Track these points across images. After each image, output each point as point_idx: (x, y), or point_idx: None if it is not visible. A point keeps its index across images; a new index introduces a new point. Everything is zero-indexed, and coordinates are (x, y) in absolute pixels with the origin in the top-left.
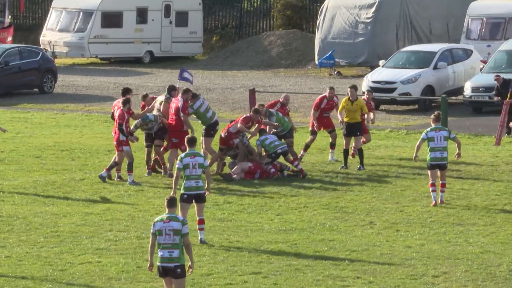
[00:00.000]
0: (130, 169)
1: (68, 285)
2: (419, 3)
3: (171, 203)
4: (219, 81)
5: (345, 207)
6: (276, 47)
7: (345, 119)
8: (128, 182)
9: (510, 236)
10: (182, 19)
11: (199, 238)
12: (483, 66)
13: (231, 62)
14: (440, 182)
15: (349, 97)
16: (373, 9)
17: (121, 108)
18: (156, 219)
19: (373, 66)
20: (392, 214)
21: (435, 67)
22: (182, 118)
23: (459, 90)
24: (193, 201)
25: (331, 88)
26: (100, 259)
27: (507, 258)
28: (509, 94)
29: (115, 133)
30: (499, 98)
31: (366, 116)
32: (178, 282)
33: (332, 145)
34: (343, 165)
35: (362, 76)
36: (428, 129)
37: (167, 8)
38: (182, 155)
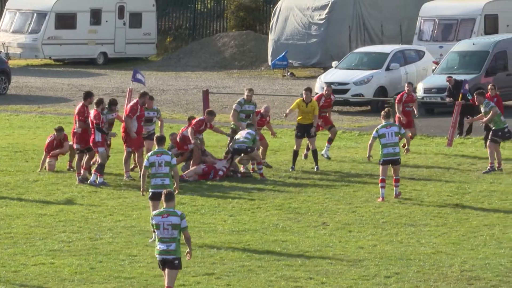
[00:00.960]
0: (100, 170)
1: (21, 286)
2: (372, 4)
3: (168, 197)
4: (172, 82)
5: (298, 208)
6: (229, 48)
7: (298, 120)
8: (92, 181)
9: (461, 237)
10: (136, 20)
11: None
12: (435, 67)
13: (185, 63)
14: (394, 177)
15: (303, 99)
16: (326, 10)
17: (95, 108)
18: (154, 212)
19: (326, 67)
20: (345, 215)
21: (387, 68)
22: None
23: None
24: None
25: (329, 86)
26: (53, 260)
27: (458, 258)
28: (460, 95)
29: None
30: (451, 99)
31: (414, 110)
32: (172, 273)
33: (330, 140)
34: (292, 166)
35: (315, 77)
36: (379, 126)
37: (121, 10)
38: (150, 153)
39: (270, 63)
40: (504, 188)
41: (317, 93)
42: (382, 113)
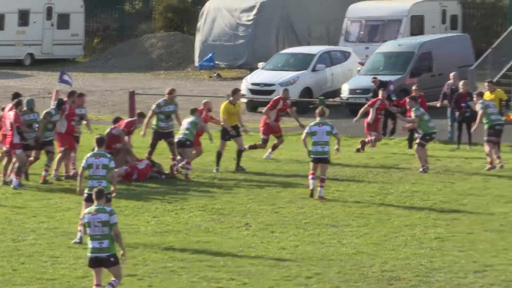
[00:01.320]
0: (18, 172)
1: None
2: (299, 6)
3: (98, 195)
4: (99, 84)
5: (221, 209)
6: (157, 50)
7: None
8: (12, 186)
9: (383, 237)
10: (64, 21)
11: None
12: (361, 68)
13: (112, 65)
14: (320, 177)
15: (230, 101)
16: (254, 11)
17: (15, 110)
18: (85, 211)
19: (252, 68)
20: (268, 215)
21: (313, 69)
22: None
23: (337, 92)
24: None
25: (286, 89)
26: None
27: (379, 259)
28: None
29: (9, 136)
30: None
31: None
32: (114, 269)
33: (274, 147)
34: (216, 167)
35: (241, 78)
36: (312, 123)
37: (49, 11)
38: (89, 154)
39: (197, 64)
40: (426, 189)
41: (243, 95)
42: (317, 110)
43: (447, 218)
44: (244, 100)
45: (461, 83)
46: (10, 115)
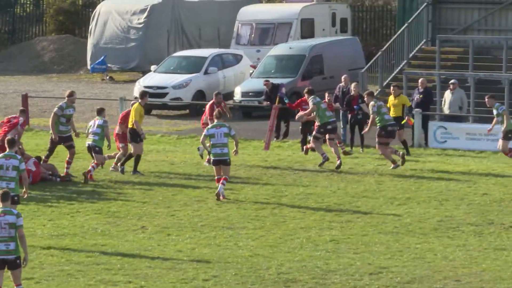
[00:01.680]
0: None
1: None
2: (190, 8)
3: (4, 197)
4: None
5: (117, 212)
6: (48, 52)
7: (130, 125)
8: None
9: (278, 239)
10: None
11: None
12: (253, 71)
13: (4, 68)
14: (223, 176)
15: (140, 103)
16: (145, 14)
17: None
18: None
19: (145, 71)
20: (164, 218)
21: (205, 72)
22: None
23: (230, 95)
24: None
25: (218, 93)
26: None
27: (275, 261)
28: (277, 99)
29: None
30: (268, 103)
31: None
32: (16, 272)
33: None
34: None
35: (134, 81)
36: (210, 125)
37: None
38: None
39: (89, 67)
40: (320, 191)
41: (135, 97)
42: (215, 113)
43: (341, 220)
44: None
45: (352, 85)
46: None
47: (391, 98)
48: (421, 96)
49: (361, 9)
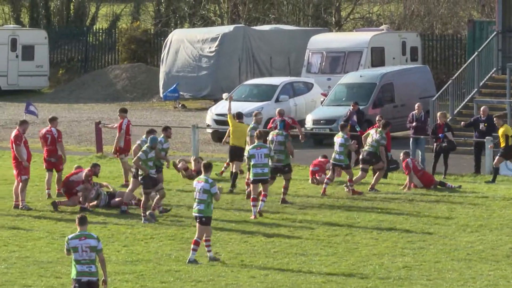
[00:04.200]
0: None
1: None
2: (261, 37)
3: (82, 221)
4: (65, 114)
5: (190, 238)
6: (121, 81)
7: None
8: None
9: (351, 266)
10: (28, 53)
11: None
12: (324, 99)
13: (77, 95)
14: (262, 192)
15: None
16: (216, 43)
17: None
18: (70, 236)
19: (216, 99)
20: (237, 244)
21: (277, 100)
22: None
23: (301, 123)
24: None
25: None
26: None
27: (349, 287)
28: (348, 126)
29: None
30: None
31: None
32: None
33: None
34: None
35: (206, 109)
36: (250, 146)
37: (14, 42)
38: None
39: (161, 95)
40: (392, 218)
41: (208, 125)
42: (256, 133)
43: (414, 247)
44: (209, 130)
45: (438, 114)
46: None
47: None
48: (485, 124)
49: (431, 38)
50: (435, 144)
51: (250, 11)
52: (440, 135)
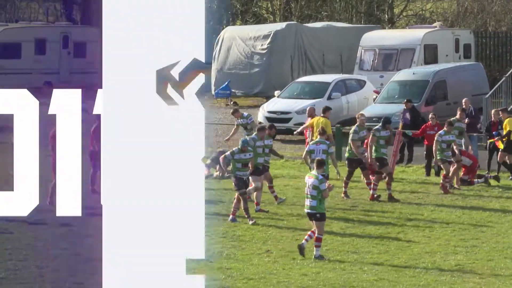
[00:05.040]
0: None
1: None
2: (313, 34)
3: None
4: None
5: (242, 236)
6: None
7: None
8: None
9: (403, 264)
10: (80, 50)
11: None
12: (376, 97)
13: None
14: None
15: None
16: (269, 40)
17: None
18: None
19: (268, 97)
20: (288, 242)
21: (329, 98)
22: None
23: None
24: None
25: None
26: None
27: (401, 285)
28: (401, 124)
29: None
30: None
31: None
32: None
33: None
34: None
35: (258, 106)
36: (311, 141)
37: (66, 39)
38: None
39: (213, 92)
40: (444, 216)
41: (260, 122)
42: (318, 129)
43: (466, 245)
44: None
45: (492, 111)
46: None
47: None
48: None
49: (484, 35)
50: (488, 141)
51: (302, 8)
52: (494, 132)
